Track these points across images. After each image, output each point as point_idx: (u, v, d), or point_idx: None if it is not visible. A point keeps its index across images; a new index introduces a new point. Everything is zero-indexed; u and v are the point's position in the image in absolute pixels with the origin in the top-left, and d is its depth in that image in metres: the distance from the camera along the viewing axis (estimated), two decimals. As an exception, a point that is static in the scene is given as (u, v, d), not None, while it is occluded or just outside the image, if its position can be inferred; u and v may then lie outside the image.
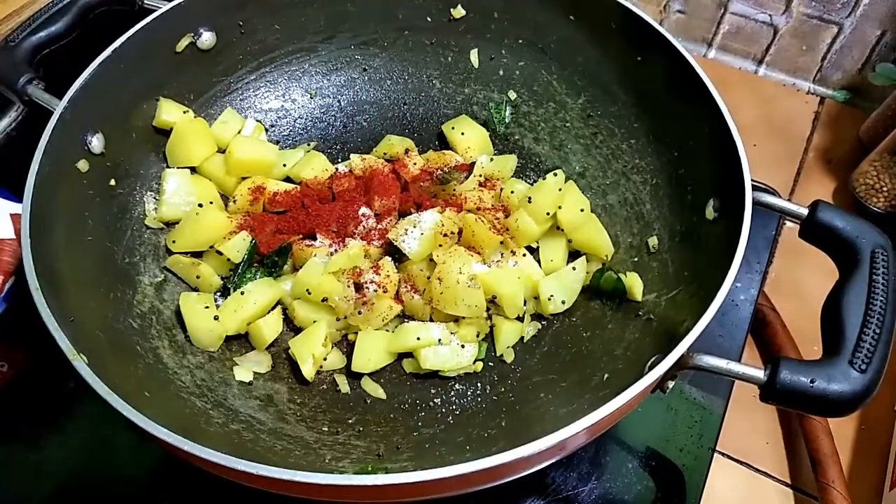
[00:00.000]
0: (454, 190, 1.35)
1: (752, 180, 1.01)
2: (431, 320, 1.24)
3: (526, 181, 1.41)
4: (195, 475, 0.92)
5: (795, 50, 1.79)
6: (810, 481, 1.28)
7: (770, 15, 1.74)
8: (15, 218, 1.30)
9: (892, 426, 1.34)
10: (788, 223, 1.51)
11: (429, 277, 1.23)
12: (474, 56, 1.47)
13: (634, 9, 1.23)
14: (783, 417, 1.36)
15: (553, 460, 0.97)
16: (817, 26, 1.72)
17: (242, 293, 1.21)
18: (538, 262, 1.29)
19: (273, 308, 1.25)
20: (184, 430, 0.82)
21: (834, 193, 1.67)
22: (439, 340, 1.20)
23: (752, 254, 1.43)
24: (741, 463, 1.32)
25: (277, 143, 1.45)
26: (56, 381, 1.26)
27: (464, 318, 1.21)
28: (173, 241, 1.26)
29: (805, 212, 1.00)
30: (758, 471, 1.32)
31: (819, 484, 1.24)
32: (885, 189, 1.53)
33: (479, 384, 1.21)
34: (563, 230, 1.27)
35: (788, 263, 1.54)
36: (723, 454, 1.32)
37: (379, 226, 1.31)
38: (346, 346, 1.25)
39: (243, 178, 1.35)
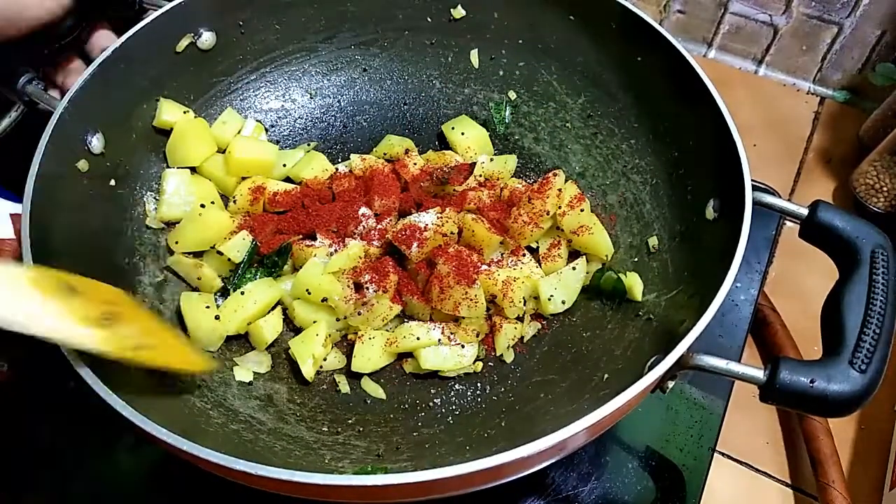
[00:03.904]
0: (454, 190, 1.35)
1: (752, 180, 1.01)
2: (431, 320, 1.24)
3: (526, 181, 1.41)
4: (195, 475, 0.92)
5: (795, 50, 1.79)
6: (810, 481, 1.28)
7: (770, 15, 1.75)
8: (15, 218, 1.30)
9: (892, 426, 1.34)
10: (788, 223, 1.51)
11: (429, 278, 1.23)
12: (474, 56, 1.47)
13: (634, 9, 1.23)
14: (783, 417, 1.36)
15: (553, 460, 0.97)
16: (817, 26, 1.72)
17: (242, 293, 1.21)
18: (538, 261, 1.29)
19: (273, 308, 1.25)
20: (183, 431, 0.82)
21: (834, 193, 1.67)
22: (439, 341, 1.20)
23: (751, 254, 1.44)
24: (741, 463, 1.33)
25: (277, 143, 1.45)
26: (56, 381, 1.26)
27: (464, 318, 1.21)
28: (175, 242, 1.25)
29: (805, 212, 1.00)
30: (758, 471, 1.32)
31: (819, 484, 1.24)
32: (885, 189, 1.53)
33: (478, 384, 1.21)
34: (562, 230, 1.27)
35: (788, 263, 1.54)
36: (723, 454, 1.33)
37: (379, 226, 1.30)
38: (346, 346, 1.25)
39: (243, 178, 1.35)
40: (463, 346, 1.20)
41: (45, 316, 0.86)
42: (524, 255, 1.29)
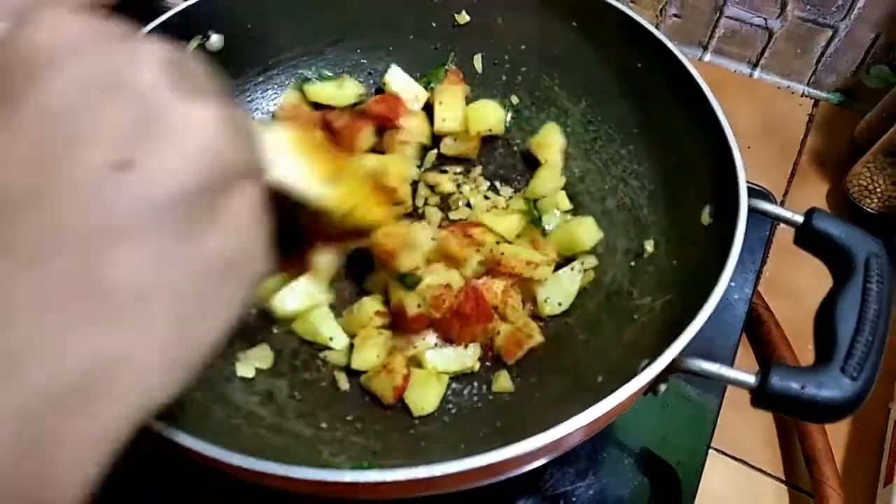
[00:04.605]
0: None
1: (747, 182, 1.02)
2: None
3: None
4: (196, 472, 0.93)
5: (790, 53, 1.81)
6: (805, 477, 1.30)
7: (765, 18, 1.76)
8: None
9: (885, 423, 1.37)
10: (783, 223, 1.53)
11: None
12: (478, 61, 1.48)
13: (633, 14, 1.24)
14: (778, 414, 1.38)
15: (546, 459, 0.99)
16: (812, 29, 1.74)
17: None
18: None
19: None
20: (185, 426, 0.83)
21: (828, 194, 1.69)
22: (435, 344, 1.23)
23: (746, 253, 1.45)
24: (736, 459, 1.35)
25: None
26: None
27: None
28: None
29: (800, 219, 1.01)
30: (752, 467, 1.34)
31: (813, 480, 1.26)
32: (878, 190, 1.55)
33: (475, 383, 1.22)
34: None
35: (783, 263, 1.56)
36: (718, 451, 1.35)
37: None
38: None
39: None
40: (466, 347, 1.22)
41: (304, 176, 0.97)
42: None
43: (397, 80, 1.45)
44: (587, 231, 1.29)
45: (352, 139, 1.37)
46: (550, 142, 1.41)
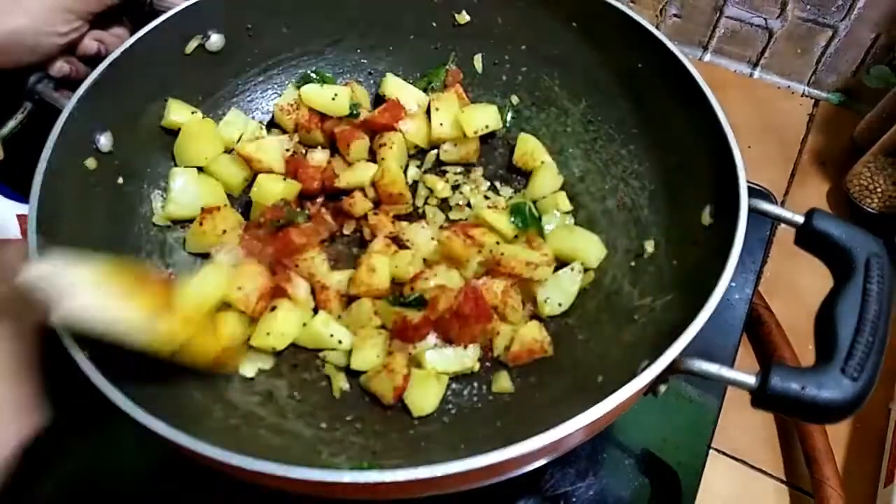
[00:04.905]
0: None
1: (748, 182, 1.02)
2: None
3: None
4: (198, 471, 0.92)
5: (790, 53, 1.81)
6: (805, 478, 1.30)
7: (765, 18, 1.76)
8: (21, 219, 1.31)
9: (886, 423, 1.37)
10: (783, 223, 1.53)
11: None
12: (478, 61, 1.48)
13: (633, 14, 1.24)
14: (778, 415, 1.37)
15: (547, 460, 0.99)
16: (812, 29, 1.74)
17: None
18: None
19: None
20: (183, 425, 0.83)
21: (828, 194, 1.69)
22: (435, 344, 1.22)
23: (746, 254, 1.44)
24: (737, 460, 1.34)
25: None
26: (58, 377, 1.27)
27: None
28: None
29: (801, 219, 1.01)
30: (753, 467, 1.34)
31: (814, 481, 1.26)
32: (878, 190, 1.55)
33: (475, 384, 1.22)
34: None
35: (783, 264, 1.56)
36: (719, 451, 1.34)
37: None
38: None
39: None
40: (465, 347, 1.21)
41: (116, 311, 0.88)
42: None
43: (394, 87, 1.45)
44: (593, 248, 1.29)
45: (347, 146, 1.38)
46: (529, 150, 1.42)
